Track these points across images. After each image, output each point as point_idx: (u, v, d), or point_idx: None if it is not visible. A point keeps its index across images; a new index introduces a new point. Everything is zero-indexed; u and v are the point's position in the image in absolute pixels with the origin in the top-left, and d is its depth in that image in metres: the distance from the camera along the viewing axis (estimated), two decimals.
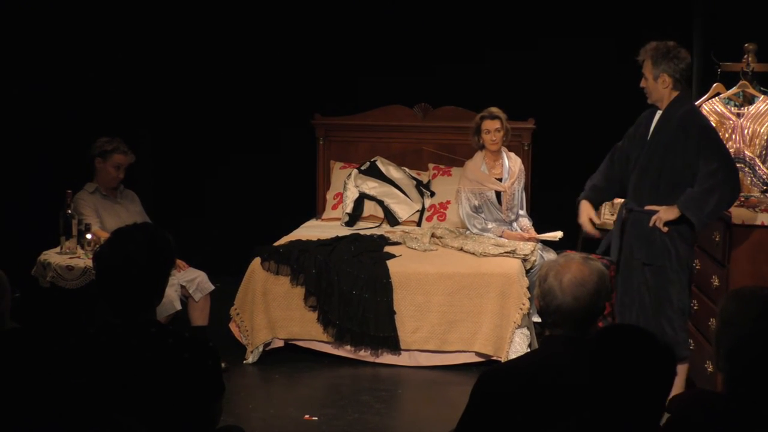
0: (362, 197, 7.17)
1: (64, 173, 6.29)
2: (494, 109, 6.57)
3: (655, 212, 4.69)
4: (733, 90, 5.56)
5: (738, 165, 5.46)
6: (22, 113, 6.68)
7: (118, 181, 6.00)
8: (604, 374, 2.41)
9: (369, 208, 7.17)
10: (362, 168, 7.35)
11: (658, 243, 4.68)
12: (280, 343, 6.09)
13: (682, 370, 4.77)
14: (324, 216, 7.39)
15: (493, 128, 6.55)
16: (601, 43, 7.45)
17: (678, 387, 4.83)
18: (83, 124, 6.76)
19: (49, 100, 6.83)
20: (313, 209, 7.66)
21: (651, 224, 4.68)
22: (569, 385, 2.71)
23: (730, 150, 5.45)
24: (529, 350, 5.76)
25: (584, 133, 7.40)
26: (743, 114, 5.49)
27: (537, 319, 5.84)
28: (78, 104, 7.00)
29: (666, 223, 4.65)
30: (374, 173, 7.30)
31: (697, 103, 5.77)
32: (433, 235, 6.56)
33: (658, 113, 4.82)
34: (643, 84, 4.83)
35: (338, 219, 7.20)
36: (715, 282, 4.67)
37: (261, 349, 6.03)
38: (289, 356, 6.05)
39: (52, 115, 6.84)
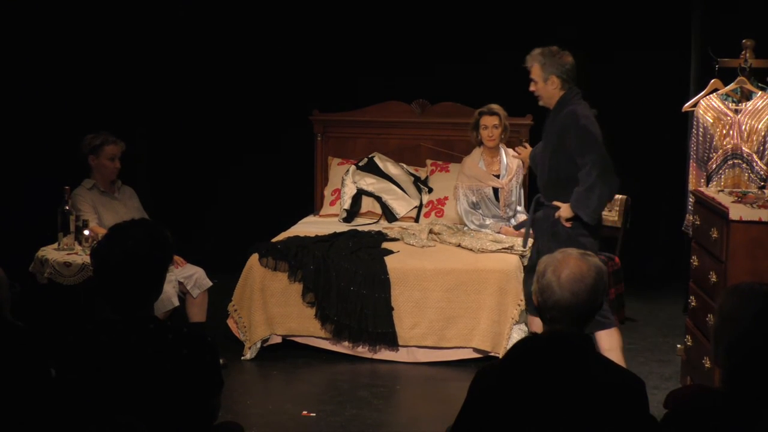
0: (360, 193, 7.17)
1: (62, 169, 6.28)
2: (494, 106, 6.59)
3: (559, 208, 5.15)
4: (731, 86, 5.57)
5: (735, 161, 5.47)
6: (19, 110, 6.67)
7: (116, 172, 5.98)
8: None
9: (367, 204, 7.17)
10: (360, 164, 7.35)
11: (562, 235, 5.11)
12: (278, 339, 6.09)
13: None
14: (322, 212, 7.39)
15: (490, 124, 6.56)
16: (599, 40, 7.46)
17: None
18: (81, 120, 6.75)
19: (47, 96, 6.83)
20: (311, 205, 7.65)
21: (555, 217, 5.15)
22: (567, 381, 2.71)
23: (728, 146, 5.47)
24: None
25: None
26: (741, 110, 5.50)
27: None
28: (76, 101, 7.00)
29: (569, 219, 5.11)
30: (372, 169, 7.29)
31: (694, 99, 5.79)
32: (431, 231, 6.56)
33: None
34: (532, 88, 5.21)
35: (336, 215, 7.19)
36: (713, 278, 4.68)
37: (259, 345, 6.03)
38: (287, 352, 6.05)
39: (49, 111, 6.84)
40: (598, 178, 4.98)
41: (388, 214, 7.11)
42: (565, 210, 5.12)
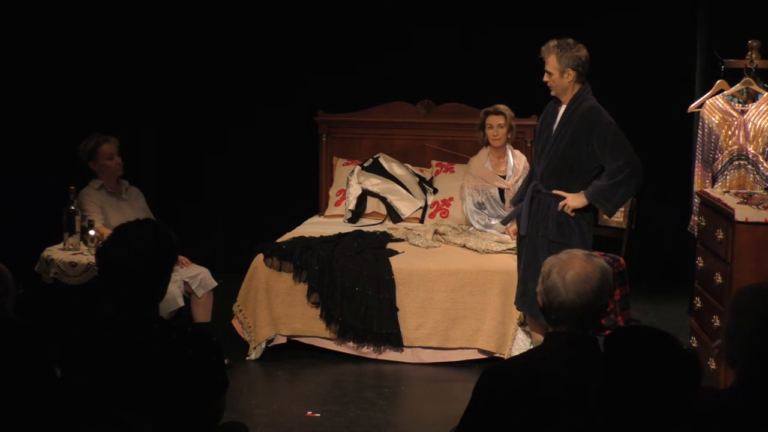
0: (365, 194, 7.17)
1: (67, 169, 6.29)
2: (500, 106, 6.59)
3: (561, 197, 5.18)
4: (737, 87, 5.56)
5: (741, 162, 5.46)
6: (25, 110, 6.68)
7: (121, 168, 5.95)
8: (618, 376, 2.35)
9: (372, 204, 7.17)
10: (365, 165, 7.35)
11: (565, 224, 5.18)
12: (283, 340, 6.09)
13: None
14: (327, 213, 7.39)
15: (495, 123, 6.56)
16: (604, 42, 7.45)
17: None
18: (86, 120, 6.75)
19: (52, 96, 6.83)
20: (315, 206, 7.65)
21: (559, 209, 5.16)
22: (572, 382, 2.71)
23: (734, 147, 5.46)
24: (531, 347, 5.76)
25: None
26: (747, 111, 5.49)
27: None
28: (81, 101, 7.00)
29: (575, 209, 5.16)
30: (377, 170, 7.29)
31: (700, 99, 5.78)
32: (436, 232, 6.56)
33: (563, 106, 5.23)
34: (546, 79, 5.22)
35: (341, 216, 7.19)
36: (719, 279, 4.67)
37: (264, 345, 6.03)
38: (291, 353, 6.05)
39: (54, 111, 6.84)
40: (630, 176, 5.08)
41: (393, 215, 7.11)
42: (575, 199, 5.14)
